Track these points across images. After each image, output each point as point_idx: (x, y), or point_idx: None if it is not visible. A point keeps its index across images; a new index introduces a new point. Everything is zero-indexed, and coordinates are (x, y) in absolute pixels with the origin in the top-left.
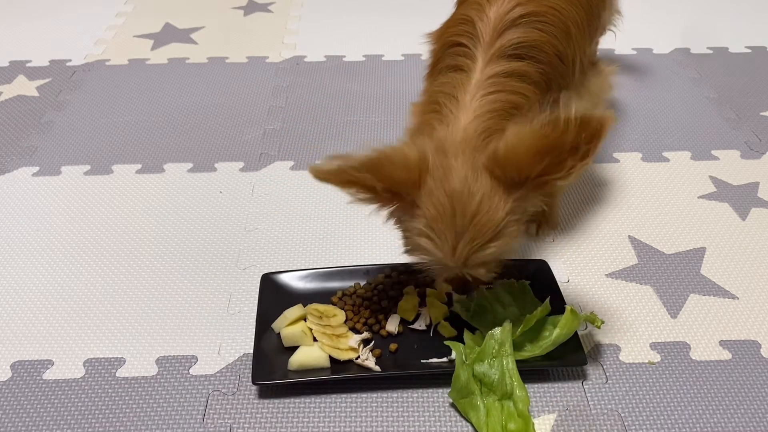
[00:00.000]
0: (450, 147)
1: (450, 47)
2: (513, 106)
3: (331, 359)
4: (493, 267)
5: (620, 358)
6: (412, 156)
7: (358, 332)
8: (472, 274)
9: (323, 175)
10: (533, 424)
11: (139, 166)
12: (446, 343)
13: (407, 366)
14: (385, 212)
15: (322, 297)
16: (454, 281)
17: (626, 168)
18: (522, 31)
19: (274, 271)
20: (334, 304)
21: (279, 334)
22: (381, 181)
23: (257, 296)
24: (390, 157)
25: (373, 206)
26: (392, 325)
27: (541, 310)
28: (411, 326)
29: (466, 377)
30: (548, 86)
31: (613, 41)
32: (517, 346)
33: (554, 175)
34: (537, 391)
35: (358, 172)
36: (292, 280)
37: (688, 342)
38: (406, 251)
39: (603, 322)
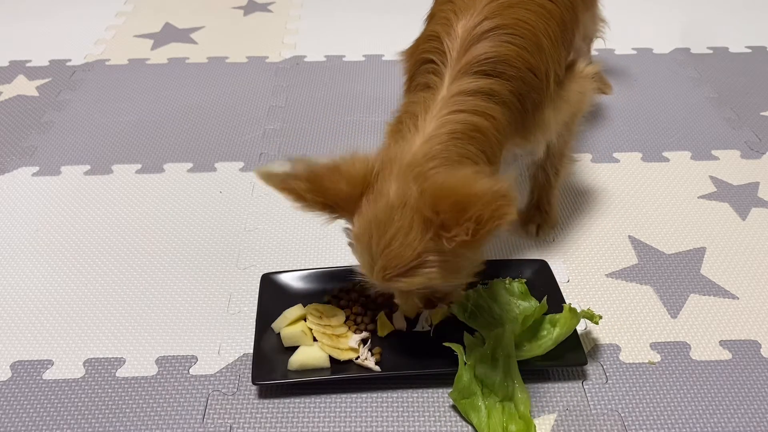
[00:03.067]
0: (394, 168)
1: (421, 64)
2: (475, 129)
3: (331, 359)
4: (434, 288)
5: (620, 358)
6: (358, 171)
7: (364, 327)
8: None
9: (264, 177)
10: (534, 426)
11: (139, 166)
12: (446, 344)
13: (407, 366)
14: (325, 219)
15: (322, 297)
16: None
17: (626, 168)
18: (490, 45)
19: (274, 271)
20: (327, 302)
21: (279, 334)
22: (318, 194)
23: (257, 296)
24: (339, 169)
25: (315, 213)
26: (400, 322)
27: (538, 310)
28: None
29: (469, 378)
30: (521, 103)
31: (613, 41)
32: (516, 347)
33: (448, 233)
34: (537, 391)
35: (295, 181)
36: (291, 280)
37: (688, 342)
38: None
39: (601, 317)
